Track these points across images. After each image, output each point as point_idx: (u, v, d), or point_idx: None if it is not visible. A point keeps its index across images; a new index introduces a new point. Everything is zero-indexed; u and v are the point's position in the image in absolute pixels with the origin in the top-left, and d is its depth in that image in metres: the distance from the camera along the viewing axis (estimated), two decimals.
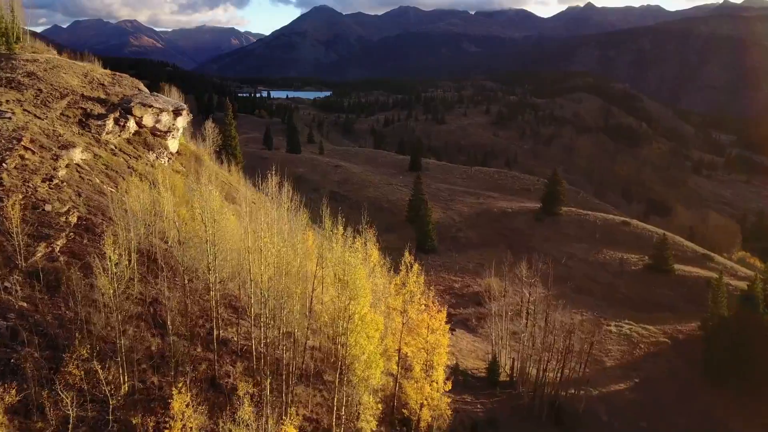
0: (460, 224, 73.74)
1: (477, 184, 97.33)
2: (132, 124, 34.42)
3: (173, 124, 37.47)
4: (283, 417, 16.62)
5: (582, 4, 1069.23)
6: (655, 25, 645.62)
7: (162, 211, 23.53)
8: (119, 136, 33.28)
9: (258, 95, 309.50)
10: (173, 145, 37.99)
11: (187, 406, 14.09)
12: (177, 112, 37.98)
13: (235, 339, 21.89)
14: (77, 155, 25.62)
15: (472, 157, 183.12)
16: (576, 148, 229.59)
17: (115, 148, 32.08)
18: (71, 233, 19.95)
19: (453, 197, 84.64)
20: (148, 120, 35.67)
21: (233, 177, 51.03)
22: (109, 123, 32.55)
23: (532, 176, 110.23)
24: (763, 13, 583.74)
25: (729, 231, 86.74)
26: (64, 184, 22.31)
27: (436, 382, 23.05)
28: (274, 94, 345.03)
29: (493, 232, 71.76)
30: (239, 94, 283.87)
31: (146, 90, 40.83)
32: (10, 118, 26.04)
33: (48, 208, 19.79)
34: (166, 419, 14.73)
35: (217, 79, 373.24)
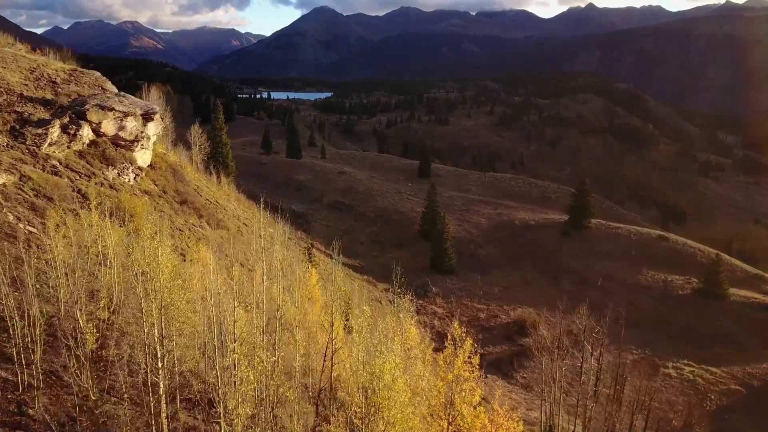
0: (478, 239, 66.25)
1: (492, 191, 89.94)
2: (86, 132, 26.90)
3: (142, 132, 29.92)
4: None
5: (583, 5, 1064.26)
6: (657, 26, 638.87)
7: (105, 259, 16.02)
8: (68, 147, 25.77)
9: (258, 96, 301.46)
10: (143, 157, 30.47)
11: None
12: (147, 117, 30.41)
13: None
14: None
15: (477, 160, 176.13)
16: (582, 150, 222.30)
17: (60, 164, 24.58)
18: None
19: (468, 207, 77.24)
20: (108, 127, 28.14)
21: (222, 191, 43.59)
22: (54, 131, 25.05)
23: (551, 183, 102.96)
24: (764, 13, 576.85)
25: None
26: None
27: None
28: (275, 95, 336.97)
29: (517, 248, 64.28)
30: (239, 95, 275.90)
31: (113, 89, 33.33)
32: None
33: None
34: None
35: (217, 79, 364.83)
